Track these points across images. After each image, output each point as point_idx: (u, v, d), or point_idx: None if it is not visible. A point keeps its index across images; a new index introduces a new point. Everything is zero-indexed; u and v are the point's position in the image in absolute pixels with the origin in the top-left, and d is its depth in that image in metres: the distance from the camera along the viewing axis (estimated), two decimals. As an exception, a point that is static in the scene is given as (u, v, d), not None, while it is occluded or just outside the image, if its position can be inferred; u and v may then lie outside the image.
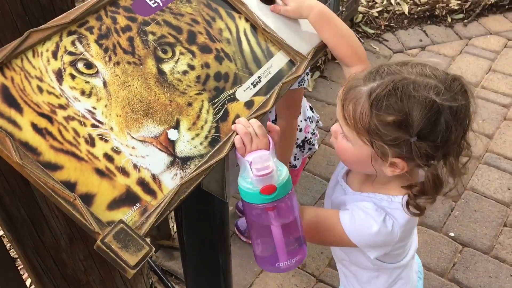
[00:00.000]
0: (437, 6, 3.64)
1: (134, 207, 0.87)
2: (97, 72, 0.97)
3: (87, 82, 0.95)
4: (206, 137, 1.01)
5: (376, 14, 3.62)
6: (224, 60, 1.12)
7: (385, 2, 3.73)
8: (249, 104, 1.10)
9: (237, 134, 1.02)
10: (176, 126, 0.98)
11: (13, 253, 2.03)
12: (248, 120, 1.05)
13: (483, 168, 2.60)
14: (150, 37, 1.06)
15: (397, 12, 3.65)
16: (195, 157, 0.98)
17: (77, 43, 0.98)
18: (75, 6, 1.24)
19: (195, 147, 0.99)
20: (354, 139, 1.04)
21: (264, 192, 0.93)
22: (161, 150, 0.95)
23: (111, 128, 0.92)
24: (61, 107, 0.90)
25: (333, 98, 3.09)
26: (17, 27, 1.14)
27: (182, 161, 0.96)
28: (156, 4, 1.11)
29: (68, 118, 0.90)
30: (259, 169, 0.93)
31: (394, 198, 1.11)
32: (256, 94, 1.12)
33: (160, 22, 1.09)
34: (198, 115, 1.02)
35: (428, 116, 0.95)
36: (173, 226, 2.43)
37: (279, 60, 1.20)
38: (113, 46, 1.01)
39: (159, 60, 1.04)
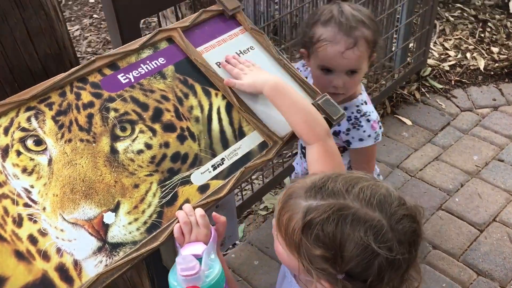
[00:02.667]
0: (519, 63, 3.37)
1: (46, 294, 0.87)
2: (46, 149, 0.99)
3: (31, 159, 0.97)
4: (145, 223, 0.99)
5: (447, 68, 3.42)
6: (187, 140, 1.10)
7: (459, 56, 3.51)
8: (203, 188, 1.06)
9: (178, 221, 0.99)
10: (115, 209, 0.98)
11: None
12: (196, 206, 1.02)
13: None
14: (112, 114, 1.07)
15: (471, 68, 3.42)
16: (127, 244, 0.96)
17: (32, 119, 1.01)
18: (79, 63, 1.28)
19: (130, 233, 0.97)
20: (285, 247, 0.96)
21: None
22: (92, 234, 0.94)
23: (44, 208, 0.94)
24: (-2, 184, 0.93)
25: (385, 155, 2.94)
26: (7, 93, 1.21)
27: (111, 247, 0.94)
28: (127, 80, 1.13)
29: (1, 196, 0.92)
30: (183, 269, 0.89)
31: None
32: (214, 178, 1.08)
33: (126, 98, 1.10)
34: (142, 198, 1.01)
35: (360, 258, 0.85)
36: None
37: (250, 141, 1.16)
38: (69, 123, 1.03)
39: (115, 138, 1.05)
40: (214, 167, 1.10)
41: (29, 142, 0.99)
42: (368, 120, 1.54)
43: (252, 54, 1.29)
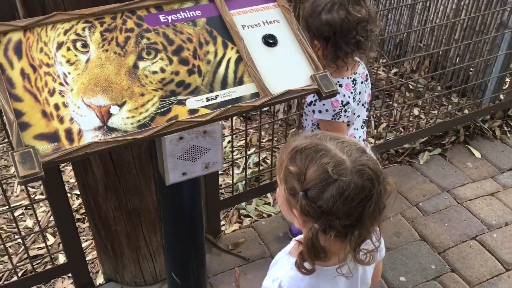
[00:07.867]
0: None
1: (52, 144, 1.22)
2: (88, 51, 1.35)
3: (76, 55, 1.33)
4: (139, 121, 1.30)
5: (540, 113, 3.32)
6: (194, 75, 1.40)
7: (558, 105, 3.38)
8: (192, 111, 1.35)
9: None
10: (121, 105, 1.30)
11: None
12: (182, 121, 1.31)
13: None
14: (144, 41, 1.40)
15: None
16: (120, 131, 1.28)
17: (86, 29, 1.37)
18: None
19: (125, 124, 1.29)
20: (278, 182, 1.24)
21: None
22: (97, 117, 1.27)
23: (72, 90, 1.29)
24: (47, 65, 1.31)
25: (440, 178, 2.97)
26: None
27: (108, 129, 1.27)
28: (165, 20, 1.45)
29: (47, 73, 1.30)
30: None
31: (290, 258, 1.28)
32: (204, 107, 1.36)
33: (159, 32, 1.43)
34: (143, 104, 1.32)
35: (317, 180, 1.10)
36: (223, 225, 2.71)
37: (246, 89, 1.42)
38: (111, 39, 1.38)
39: (140, 58, 1.37)
40: (208, 99, 1.38)
41: (78, 44, 1.35)
42: None
43: (276, 25, 1.54)
